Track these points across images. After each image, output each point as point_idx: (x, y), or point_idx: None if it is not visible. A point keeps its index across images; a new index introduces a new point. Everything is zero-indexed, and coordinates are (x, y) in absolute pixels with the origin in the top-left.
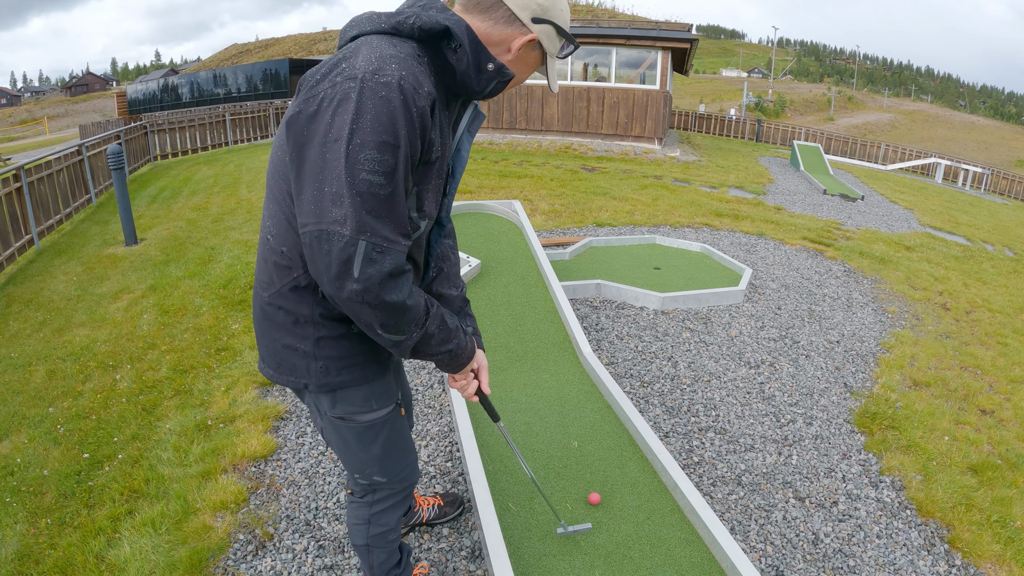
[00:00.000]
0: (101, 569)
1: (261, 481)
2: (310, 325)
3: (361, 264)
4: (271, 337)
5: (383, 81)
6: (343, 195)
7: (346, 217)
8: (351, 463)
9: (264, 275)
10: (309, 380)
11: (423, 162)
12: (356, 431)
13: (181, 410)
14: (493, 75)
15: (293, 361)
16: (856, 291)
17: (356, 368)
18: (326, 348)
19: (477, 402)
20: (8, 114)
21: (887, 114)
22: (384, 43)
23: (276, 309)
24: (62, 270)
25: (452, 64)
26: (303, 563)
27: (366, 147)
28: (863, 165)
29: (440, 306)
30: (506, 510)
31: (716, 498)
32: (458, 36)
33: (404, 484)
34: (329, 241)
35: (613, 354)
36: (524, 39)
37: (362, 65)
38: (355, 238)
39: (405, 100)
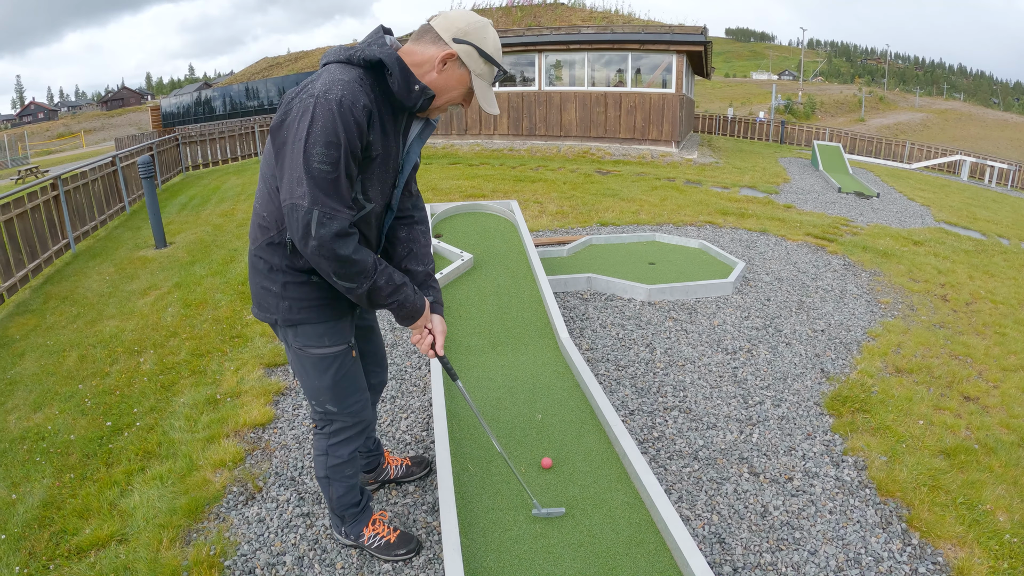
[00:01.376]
0: (113, 514)
1: (257, 444)
2: (280, 272)
3: (316, 226)
4: (255, 281)
5: (330, 98)
6: (303, 179)
7: (305, 194)
8: (308, 389)
9: (252, 233)
10: (278, 315)
11: (365, 157)
12: (312, 360)
13: (195, 387)
14: (419, 94)
15: (268, 300)
16: (852, 283)
17: (313, 310)
18: (291, 290)
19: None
20: (46, 128)
21: (919, 113)
22: (338, 70)
23: (258, 259)
24: (96, 271)
25: (390, 86)
26: (284, 511)
27: (317, 144)
28: (887, 164)
29: (389, 266)
30: (464, 470)
31: (670, 470)
32: (389, 66)
33: (355, 419)
34: (295, 211)
35: (594, 341)
36: (445, 52)
37: (319, 87)
38: (311, 208)
39: (343, 112)
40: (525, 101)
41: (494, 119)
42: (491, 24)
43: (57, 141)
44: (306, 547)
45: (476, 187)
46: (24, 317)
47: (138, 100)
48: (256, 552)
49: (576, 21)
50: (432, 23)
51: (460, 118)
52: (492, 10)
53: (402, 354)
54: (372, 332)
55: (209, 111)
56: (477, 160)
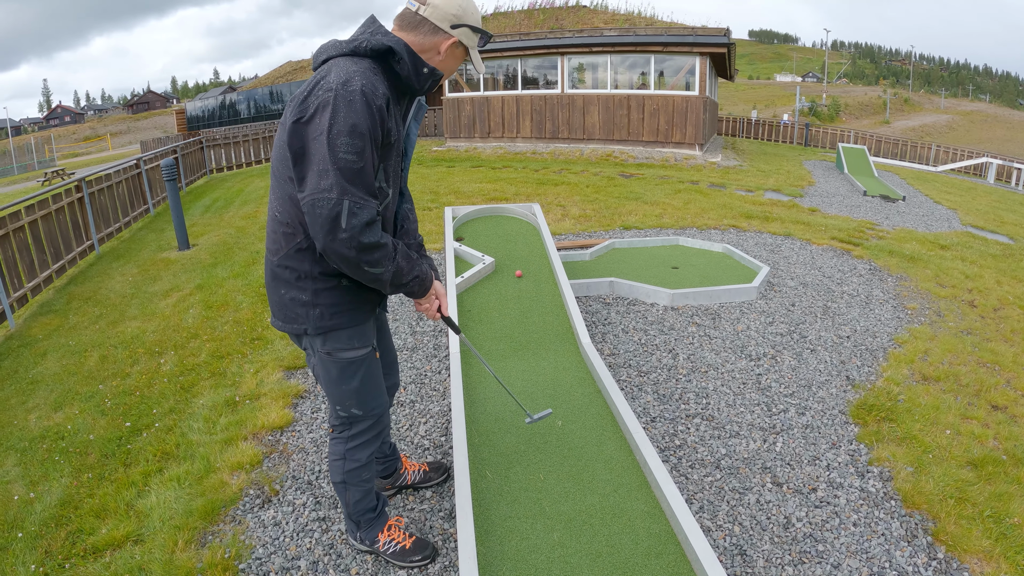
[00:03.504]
0: (129, 514)
1: (275, 447)
2: (309, 279)
3: (347, 217)
4: (279, 293)
5: (351, 89)
6: (328, 171)
7: (332, 185)
8: (335, 395)
9: (273, 244)
10: (308, 325)
11: (384, 145)
12: (340, 365)
13: (214, 389)
14: (428, 76)
15: (296, 310)
16: (878, 288)
17: (346, 314)
18: (322, 297)
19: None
20: (72, 131)
21: (944, 115)
22: (348, 62)
23: (284, 269)
24: (119, 272)
25: (398, 72)
26: (300, 515)
27: (342, 135)
28: (912, 167)
29: (402, 245)
30: (482, 477)
31: (691, 479)
32: (399, 52)
33: (376, 420)
34: (321, 204)
35: (616, 346)
36: (448, 42)
37: (335, 79)
38: (340, 199)
39: (367, 101)
40: (548, 104)
41: (517, 122)
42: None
43: (83, 144)
44: (321, 552)
45: (499, 190)
46: (47, 317)
47: (163, 103)
48: (271, 556)
49: (598, 23)
50: (424, 14)
51: (483, 122)
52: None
53: (422, 358)
54: (385, 332)
55: (234, 114)
56: (500, 163)
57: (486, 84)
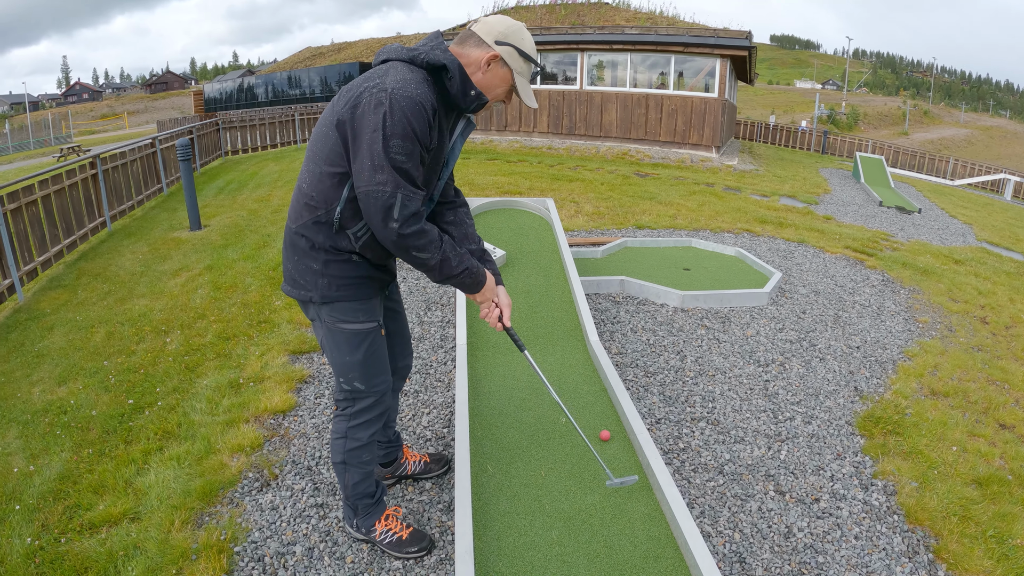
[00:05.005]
0: (128, 491)
1: (277, 431)
2: (321, 251)
3: (399, 208)
4: (293, 259)
5: (406, 95)
6: (384, 166)
7: (387, 180)
8: (339, 365)
9: (294, 212)
10: (314, 292)
11: (426, 150)
12: (345, 335)
13: (219, 370)
14: (474, 98)
15: (307, 277)
16: (890, 300)
17: (351, 287)
18: (332, 268)
19: (502, 330)
20: (90, 108)
21: (963, 129)
22: (404, 69)
23: (300, 237)
24: (130, 250)
25: (448, 88)
26: (298, 500)
27: (395, 137)
28: (929, 179)
29: (449, 239)
30: (483, 471)
31: (694, 483)
32: (452, 70)
33: (379, 397)
34: (377, 196)
35: (624, 345)
36: (488, 55)
37: (391, 82)
38: (394, 192)
39: (419, 109)
40: (566, 100)
41: (534, 117)
42: (526, 27)
43: (100, 121)
44: (317, 538)
45: (513, 184)
46: (56, 292)
47: (182, 84)
48: (267, 540)
49: (620, 21)
50: (474, 28)
51: (500, 115)
52: (536, 7)
53: (428, 348)
54: (398, 315)
55: (251, 98)
56: (515, 157)
57: None
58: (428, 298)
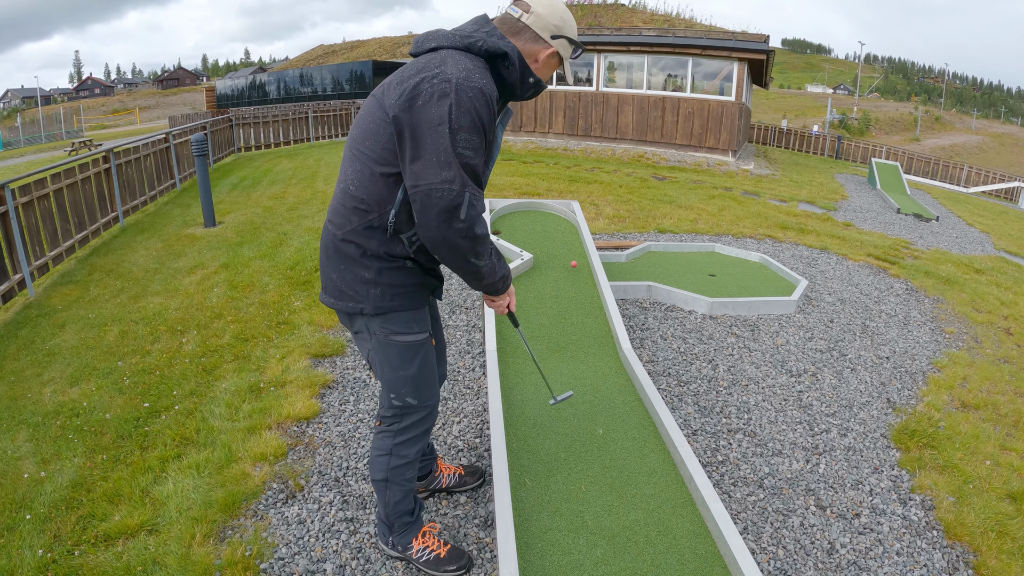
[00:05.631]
0: (145, 501)
1: (301, 439)
2: (375, 258)
3: (467, 208)
4: (339, 268)
5: (472, 85)
6: (451, 162)
7: (455, 177)
8: (391, 381)
9: (340, 218)
10: (367, 304)
11: (486, 145)
12: (399, 348)
13: (238, 373)
14: (532, 85)
15: (356, 287)
16: (915, 310)
17: (406, 296)
18: (386, 276)
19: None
20: (102, 103)
21: (975, 136)
22: (463, 58)
23: (348, 244)
24: (143, 246)
25: (504, 76)
26: (326, 513)
27: (462, 130)
28: (944, 186)
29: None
30: (521, 485)
31: (734, 498)
32: (512, 58)
33: (428, 411)
34: (441, 194)
35: (655, 353)
36: (547, 52)
37: (453, 71)
38: (463, 191)
39: (486, 100)
40: (582, 101)
41: (550, 118)
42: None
43: (112, 116)
44: (348, 555)
45: (531, 185)
46: (68, 287)
47: (193, 81)
48: (295, 557)
49: (637, 23)
50: (527, 22)
51: (515, 115)
52: None
53: (455, 353)
54: (437, 321)
55: (263, 95)
56: (531, 158)
57: None
58: (451, 301)
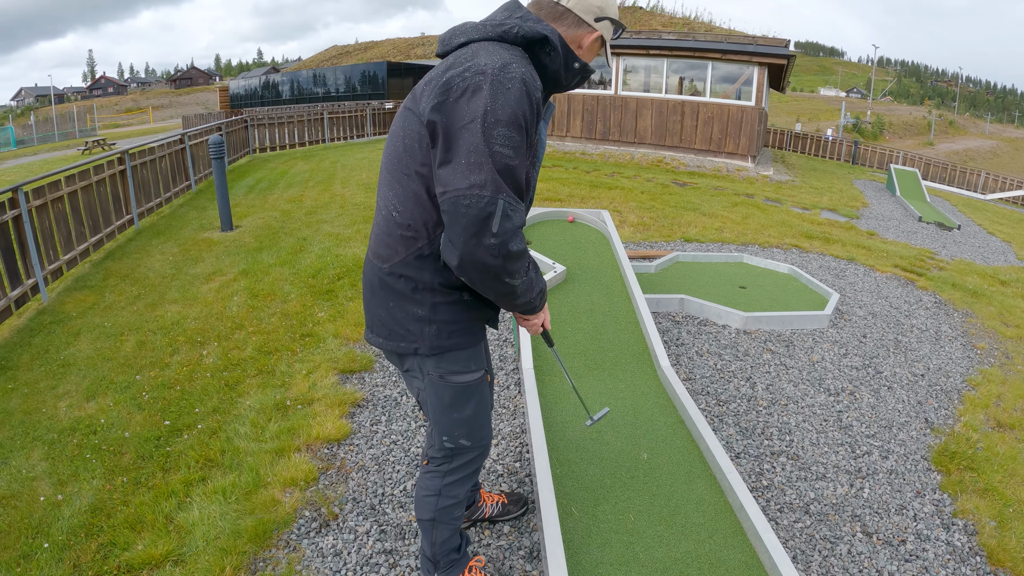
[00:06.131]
0: (169, 529)
1: (332, 463)
2: (428, 292)
3: (500, 220)
4: (387, 305)
5: (510, 75)
6: (482, 164)
7: (486, 182)
8: (443, 423)
9: (386, 249)
10: (421, 343)
11: (529, 144)
12: (455, 390)
13: (262, 389)
14: (578, 72)
15: (408, 326)
16: (946, 324)
17: (465, 333)
18: (442, 312)
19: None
20: (115, 102)
21: (989, 140)
22: (498, 48)
23: (397, 278)
24: (159, 250)
25: (546, 64)
26: (363, 544)
27: (499, 125)
28: (961, 193)
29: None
30: (568, 514)
31: (781, 524)
32: (553, 43)
33: (482, 451)
34: (471, 201)
35: (691, 370)
36: (592, 36)
37: (487, 63)
38: (494, 198)
39: (528, 91)
40: (600, 105)
41: (567, 122)
42: None
43: (125, 115)
44: None
45: (551, 190)
46: (82, 293)
47: (206, 80)
48: None
49: (656, 26)
50: (568, 5)
51: None
52: None
53: None
54: (488, 353)
55: (276, 95)
56: (549, 162)
57: None
58: None
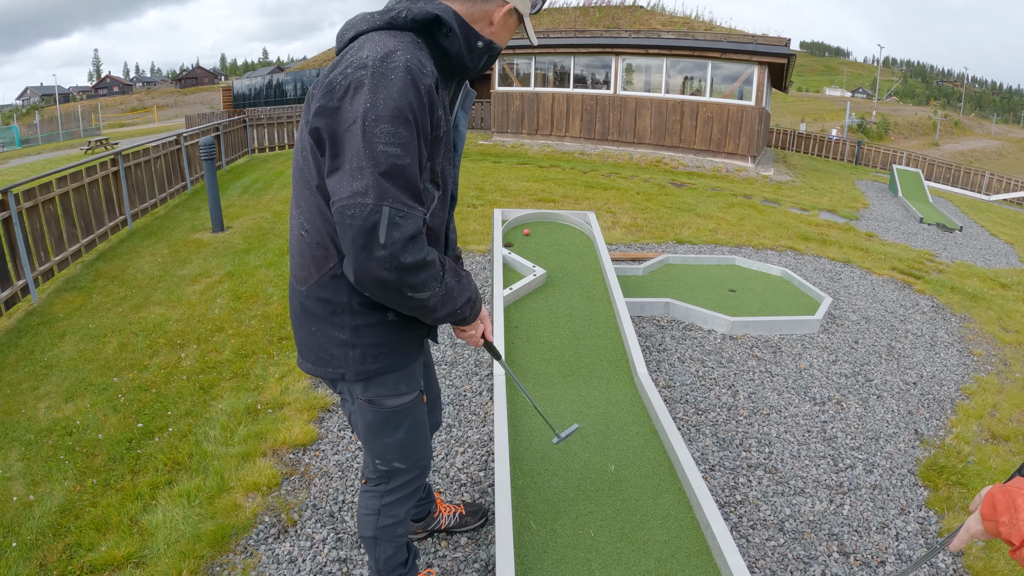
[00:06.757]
0: (133, 531)
1: (296, 468)
2: (347, 313)
3: (386, 229)
4: (310, 330)
5: (392, 65)
6: (364, 168)
7: (367, 188)
8: (375, 448)
9: (301, 271)
10: (347, 369)
11: (433, 138)
12: (385, 415)
13: (235, 392)
14: (483, 51)
15: (332, 351)
16: (942, 329)
17: (391, 356)
18: (364, 336)
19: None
20: (120, 101)
21: (994, 141)
22: (385, 37)
23: (315, 301)
24: (149, 251)
25: (445, 48)
26: (319, 552)
27: (381, 122)
28: (965, 194)
29: (449, 260)
30: (526, 528)
31: (753, 543)
32: (447, 22)
33: (419, 472)
34: (354, 212)
35: (672, 377)
36: (503, 9)
37: (368, 55)
38: (378, 205)
39: (413, 79)
40: (599, 104)
41: (566, 121)
42: None
43: (130, 115)
44: None
45: (546, 190)
46: (71, 294)
47: (211, 80)
48: None
49: (655, 25)
50: None
51: (532, 119)
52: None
53: (462, 375)
54: (430, 369)
55: (280, 95)
56: (547, 162)
57: (536, 80)
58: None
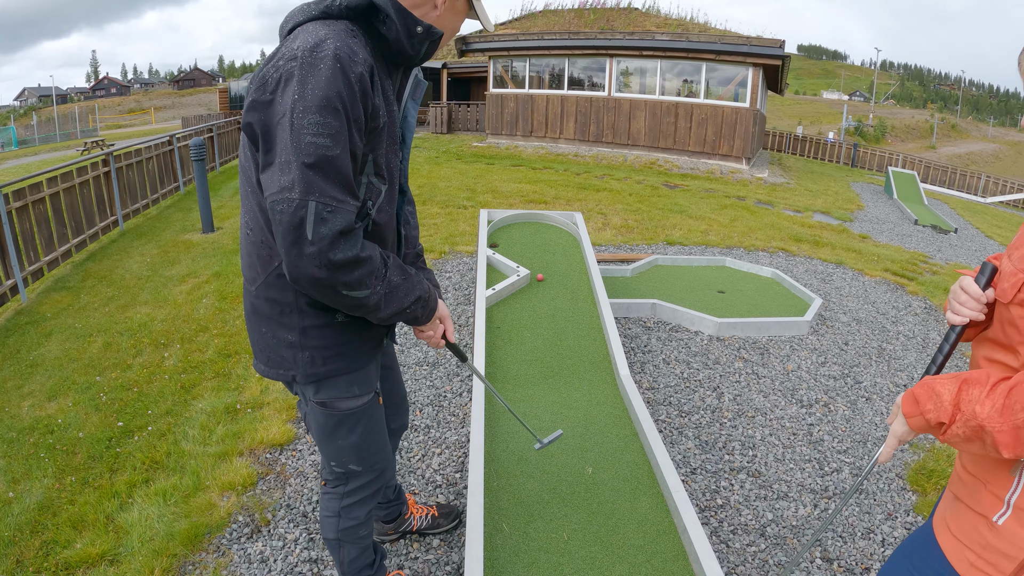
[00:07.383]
0: (108, 529)
1: (272, 468)
2: (295, 314)
3: (313, 225)
4: (260, 331)
5: (321, 55)
6: (291, 162)
7: (294, 182)
8: (330, 450)
9: (250, 270)
10: (296, 371)
11: (371, 128)
12: (338, 417)
13: (216, 392)
14: (424, 37)
15: (281, 353)
16: (934, 330)
17: (342, 358)
18: (313, 338)
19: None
20: (118, 103)
21: (991, 144)
22: (318, 26)
23: (263, 301)
24: (139, 251)
25: (384, 35)
26: (290, 552)
27: (309, 112)
28: (961, 196)
29: (396, 256)
30: (498, 531)
31: (733, 548)
32: (383, 8)
33: (377, 474)
34: (283, 206)
35: (656, 379)
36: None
37: (299, 45)
38: (304, 200)
39: (343, 67)
40: (593, 106)
41: (561, 123)
42: None
43: (127, 116)
44: None
45: (538, 192)
46: (60, 294)
47: (209, 81)
48: None
49: (650, 27)
50: None
51: (526, 120)
52: (564, 10)
53: (443, 376)
54: (392, 371)
55: None
56: (541, 164)
57: (531, 82)
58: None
